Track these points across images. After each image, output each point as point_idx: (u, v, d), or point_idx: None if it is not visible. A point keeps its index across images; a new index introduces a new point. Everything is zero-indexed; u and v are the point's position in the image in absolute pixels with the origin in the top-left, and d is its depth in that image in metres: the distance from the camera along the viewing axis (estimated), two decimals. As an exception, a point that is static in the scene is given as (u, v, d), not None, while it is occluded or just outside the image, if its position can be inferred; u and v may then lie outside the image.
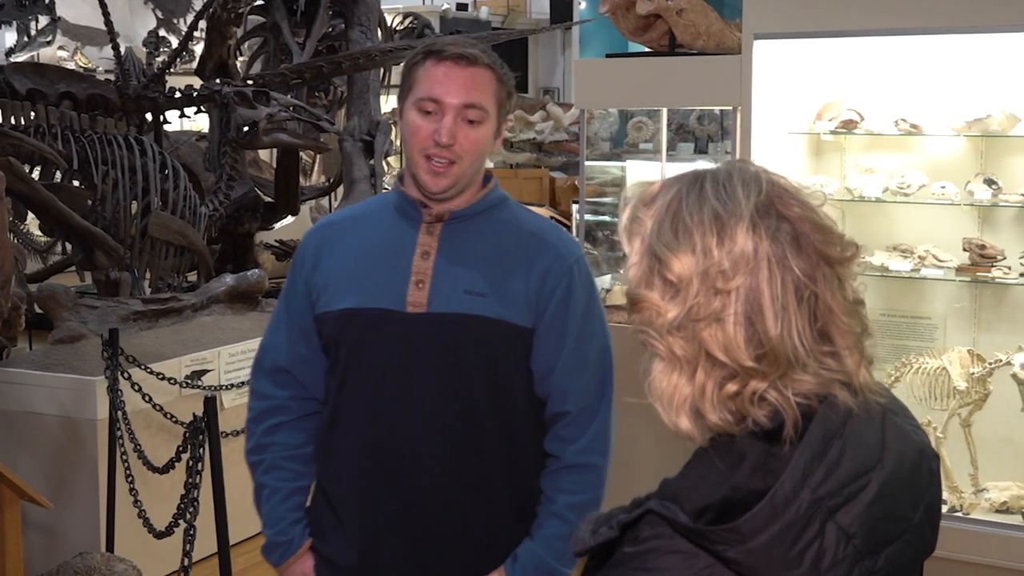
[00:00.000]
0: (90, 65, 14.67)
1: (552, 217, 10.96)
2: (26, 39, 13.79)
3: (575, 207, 9.81)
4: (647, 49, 5.28)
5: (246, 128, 6.86)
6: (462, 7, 16.71)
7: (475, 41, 2.41)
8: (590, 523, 1.49)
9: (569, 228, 10.16)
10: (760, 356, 1.38)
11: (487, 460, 2.39)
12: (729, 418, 1.41)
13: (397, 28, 12.76)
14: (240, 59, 10.11)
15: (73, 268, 7.10)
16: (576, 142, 13.74)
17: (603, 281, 5.86)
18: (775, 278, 1.39)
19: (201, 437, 3.57)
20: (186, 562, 3.49)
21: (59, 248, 8.63)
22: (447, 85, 2.30)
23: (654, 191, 1.49)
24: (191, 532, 3.42)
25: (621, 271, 5.84)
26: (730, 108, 4.89)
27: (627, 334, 4.75)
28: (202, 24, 8.62)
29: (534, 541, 2.39)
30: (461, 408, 2.36)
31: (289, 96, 7.77)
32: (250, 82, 7.54)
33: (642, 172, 8.11)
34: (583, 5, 16.80)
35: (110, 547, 4.59)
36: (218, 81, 7.47)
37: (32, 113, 6.20)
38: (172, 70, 7.61)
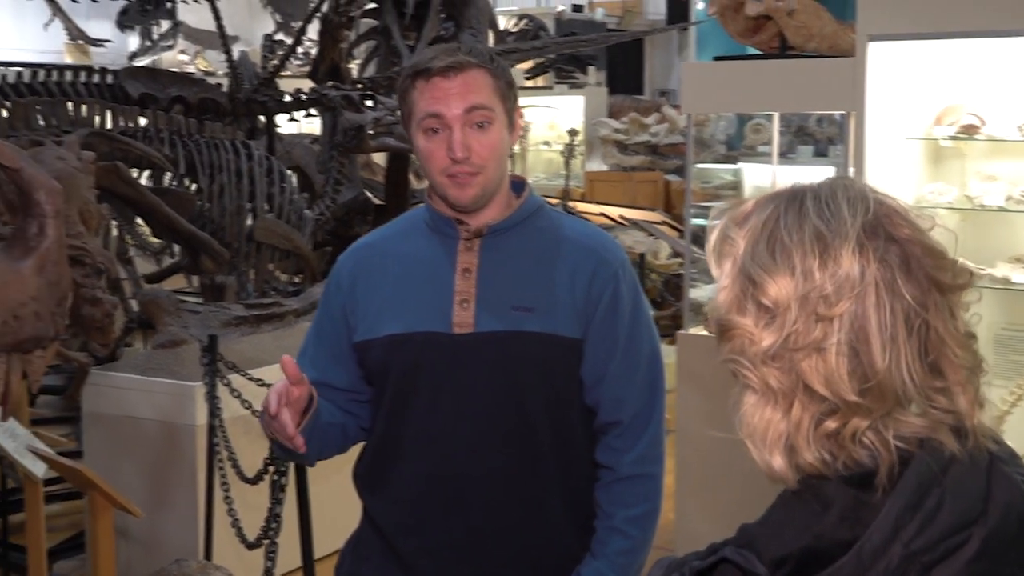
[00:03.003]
0: (210, 68, 14.91)
1: (664, 222, 10.81)
2: (148, 43, 14.08)
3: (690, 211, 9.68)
4: (758, 51, 5.13)
5: (352, 132, 6.85)
6: (577, 8, 16.62)
7: (456, 45, 2.33)
8: (661, 568, 1.40)
9: (682, 233, 10.01)
10: (865, 391, 1.26)
11: (544, 477, 2.31)
12: (826, 458, 1.29)
13: (512, 30, 12.73)
14: (354, 63, 10.17)
15: (183, 271, 7.18)
16: (691, 144, 13.56)
17: (712, 290, 5.70)
18: (883, 305, 1.27)
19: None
20: (269, 577, 3.45)
21: (175, 250, 8.76)
22: (444, 99, 2.22)
23: (747, 209, 1.38)
24: (273, 548, 3.38)
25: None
26: (843, 112, 4.72)
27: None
28: (316, 27, 8.67)
29: (596, 559, 2.32)
30: (517, 428, 2.28)
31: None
32: (359, 86, 7.54)
33: (757, 176, 7.93)
34: (700, 5, 16.58)
35: (208, 554, 4.59)
36: (328, 85, 7.49)
37: (142, 118, 6.27)
38: (289, 73, 7.65)
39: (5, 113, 5.90)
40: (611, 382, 2.31)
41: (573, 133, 13.55)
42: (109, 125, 6.13)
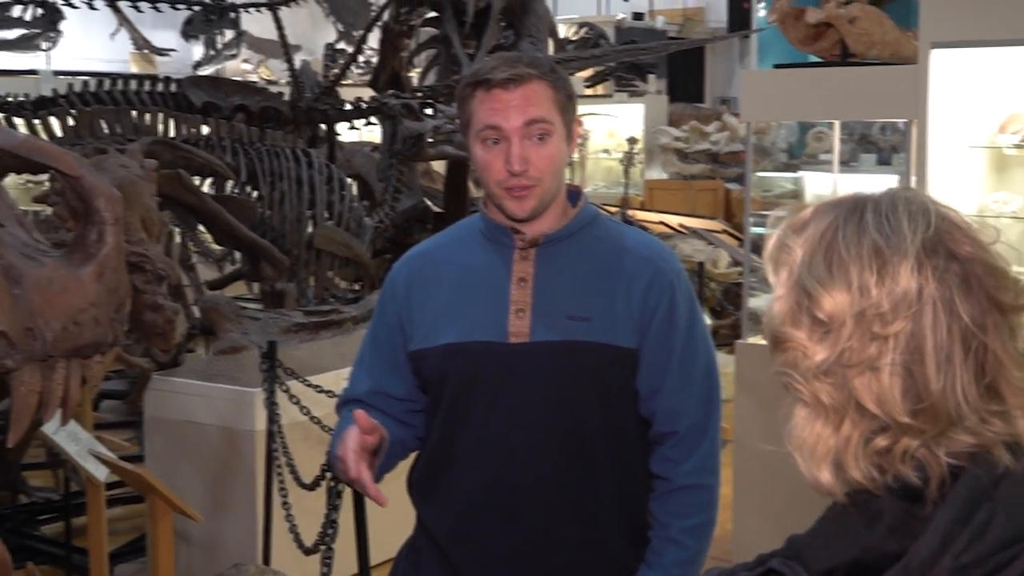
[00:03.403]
0: (272, 77, 15.04)
1: (724, 230, 10.75)
2: (212, 52, 14.23)
3: (750, 220, 9.61)
4: (819, 59, 5.10)
5: (412, 140, 6.88)
6: (638, 16, 16.57)
7: (517, 55, 2.32)
8: None
9: (742, 242, 9.94)
10: (917, 411, 1.24)
11: (600, 488, 2.30)
12: (874, 474, 1.27)
13: (572, 39, 12.72)
14: (414, 71, 10.22)
15: (243, 278, 7.24)
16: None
17: (769, 300, 5.66)
18: (940, 324, 1.25)
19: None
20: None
21: (236, 257, 8.85)
22: (503, 111, 2.21)
23: (806, 217, 1.36)
24: (329, 554, 3.39)
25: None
26: (906, 121, 4.68)
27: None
28: (377, 36, 8.73)
29: (652, 569, 2.31)
30: (574, 438, 2.27)
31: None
32: (419, 94, 7.57)
33: (818, 184, 7.86)
34: (762, 13, 16.48)
35: (266, 559, 4.62)
36: (388, 93, 7.53)
37: (204, 126, 6.34)
38: (350, 82, 7.70)
39: (71, 121, 6.00)
40: (666, 393, 2.30)
41: (633, 141, 13.52)
42: (172, 133, 6.21)
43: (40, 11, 12.19)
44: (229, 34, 14.13)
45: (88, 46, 14.03)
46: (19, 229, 1.85)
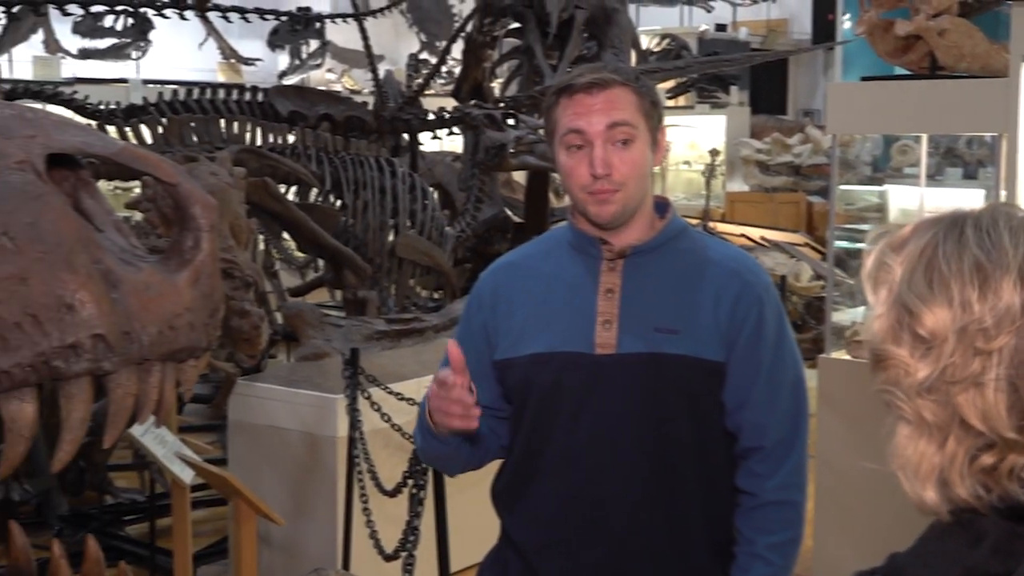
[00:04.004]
0: (356, 87, 15.19)
1: (806, 243, 10.64)
2: (297, 62, 14.40)
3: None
4: (907, 71, 5.04)
5: (494, 150, 6.91)
6: (721, 28, 16.49)
7: (602, 64, 2.33)
8: None
9: (824, 256, 9.84)
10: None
11: (685, 501, 2.29)
12: (980, 492, 1.25)
13: (654, 50, 12.69)
14: (496, 81, 10.26)
15: (326, 285, 7.32)
16: (835, 165, 13.34)
17: (855, 313, 5.60)
18: None
19: (424, 465, 3.57)
20: (407, 589, 3.49)
21: (319, 264, 8.96)
22: (586, 115, 2.22)
23: (905, 235, 1.34)
24: (411, 561, 3.42)
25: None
26: (995, 134, 4.60)
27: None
28: (460, 47, 8.78)
29: None
30: (659, 450, 2.26)
31: (540, 119, 7.80)
32: (501, 105, 7.60)
33: (903, 198, 7.76)
34: (847, 25, 16.31)
35: (346, 564, 4.65)
36: (470, 104, 7.57)
37: (290, 135, 6.42)
38: (432, 92, 7.76)
39: (161, 129, 6.11)
40: (753, 407, 2.28)
41: (715, 153, 13.45)
42: (259, 142, 6.30)
43: (131, 21, 12.42)
44: (314, 44, 14.29)
45: (176, 56, 14.26)
46: (117, 234, 1.89)
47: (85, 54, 12.31)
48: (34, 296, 1.69)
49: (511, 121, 7.34)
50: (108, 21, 12.32)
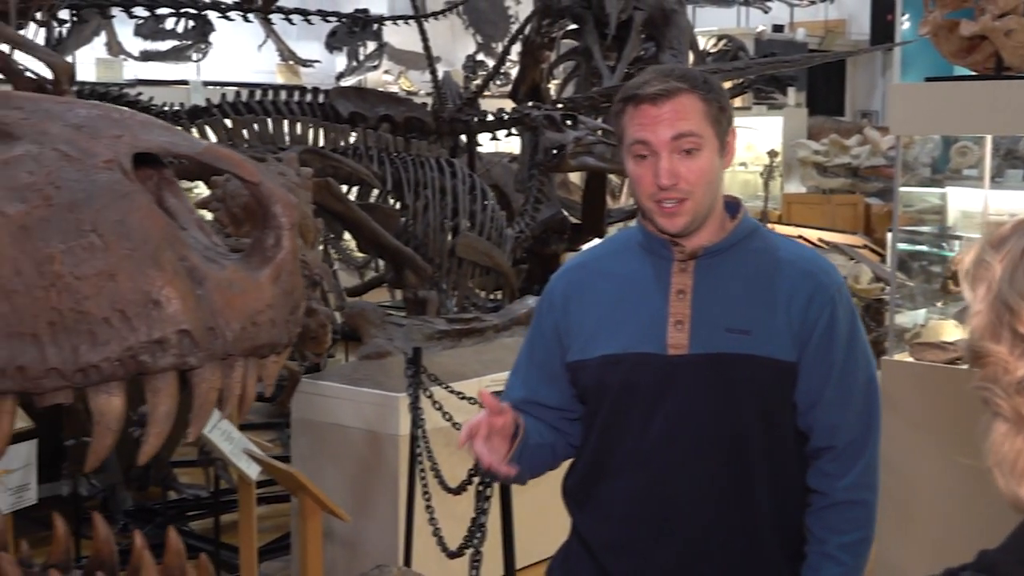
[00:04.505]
0: (412, 88, 15.25)
1: (865, 245, 10.57)
2: (355, 64, 14.49)
3: (890, 236, 9.42)
4: (971, 72, 4.99)
5: (553, 151, 6.93)
6: (778, 28, 16.40)
7: (670, 68, 2.32)
8: None
9: (883, 258, 9.76)
10: None
11: (756, 500, 2.30)
12: None
13: (711, 51, 12.65)
14: (553, 82, 10.28)
15: (387, 284, 7.38)
16: (894, 167, 13.23)
17: (917, 316, 5.56)
18: None
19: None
20: (473, 586, 3.52)
21: (375, 265, 9.03)
22: (651, 126, 2.22)
23: (1005, 232, 1.34)
24: (477, 557, 3.44)
25: (938, 305, 5.50)
26: (1062, 135, 4.57)
27: (937, 373, 4.44)
28: (517, 48, 8.81)
29: None
30: (731, 450, 2.28)
31: (599, 119, 7.81)
32: (559, 106, 7.62)
33: (963, 200, 7.68)
34: (906, 25, 16.17)
35: (407, 561, 4.69)
36: (529, 105, 7.59)
37: (352, 135, 6.48)
38: (488, 93, 7.80)
39: (225, 131, 6.18)
40: (826, 407, 2.29)
41: (773, 155, 13.39)
42: (321, 143, 6.36)
43: (191, 24, 12.55)
44: (371, 46, 14.37)
45: (235, 57, 14.40)
46: (200, 232, 1.93)
47: (147, 56, 12.47)
48: (122, 292, 1.73)
49: (570, 122, 7.35)
50: (169, 24, 12.46)
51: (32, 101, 1.92)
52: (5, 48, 4.15)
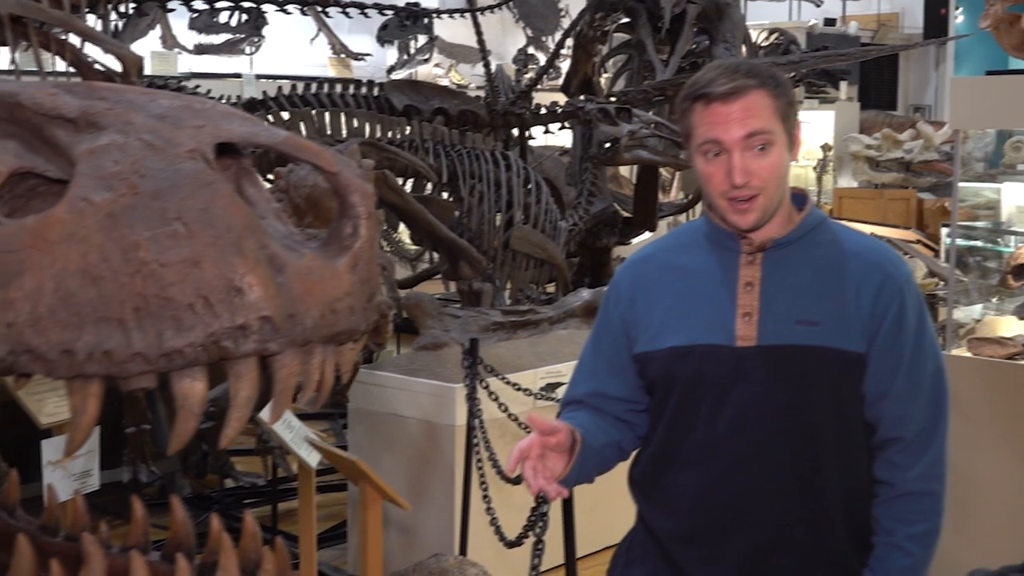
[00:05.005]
0: (463, 82, 15.29)
1: (918, 240, 10.49)
2: (406, 57, 14.54)
3: (944, 231, 9.33)
4: (1032, 66, 4.97)
5: (607, 144, 6.94)
6: (830, 22, 16.29)
7: (736, 63, 2.31)
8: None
9: (937, 253, 9.69)
10: None
11: (824, 492, 2.31)
12: None
13: (762, 44, 12.59)
14: (604, 76, 10.27)
15: (439, 276, 7.41)
16: (947, 162, 13.11)
17: (972, 311, 5.53)
18: None
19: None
20: (534, 574, 3.54)
21: (427, 257, 9.07)
22: (723, 125, 2.22)
23: None
24: (540, 546, 3.46)
25: (993, 300, 5.46)
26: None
27: (996, 369, 4.43)
28: (568, 42, 8.80)
29: (876, 575, 2.31)
30: (800, 441, 2.29)
31: (651, 113, 7.80)
32: (613, 99, 7.62)
33: (1019, 195, 7.61)
34: (960, 19, 16.01)
35: (463, 551, 4.73)
36: (582, 98, 7.60)
37: (407, 128, 6.51)
38: (539, 86, 7.80)
39: (282, 123, 6.23)
40: (894, 398, 2.29)
41: (827, 148, 13.29)
42: (377, 135, 6.40)
43: (244, 17, 12.64)
44: (422, 39, 14.42)
45: (286, 51, 14.48)
46: (277, 222, 1.96)
47: (200, 49, 12.57)
48: (206, 279, 1.77)
49: (623, 115, 7.34)
50: (223, 17, 12.56)
51: (116, 92, 1.96)
52: (76, 41, 4.21)
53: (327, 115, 6.34)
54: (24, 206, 1.89)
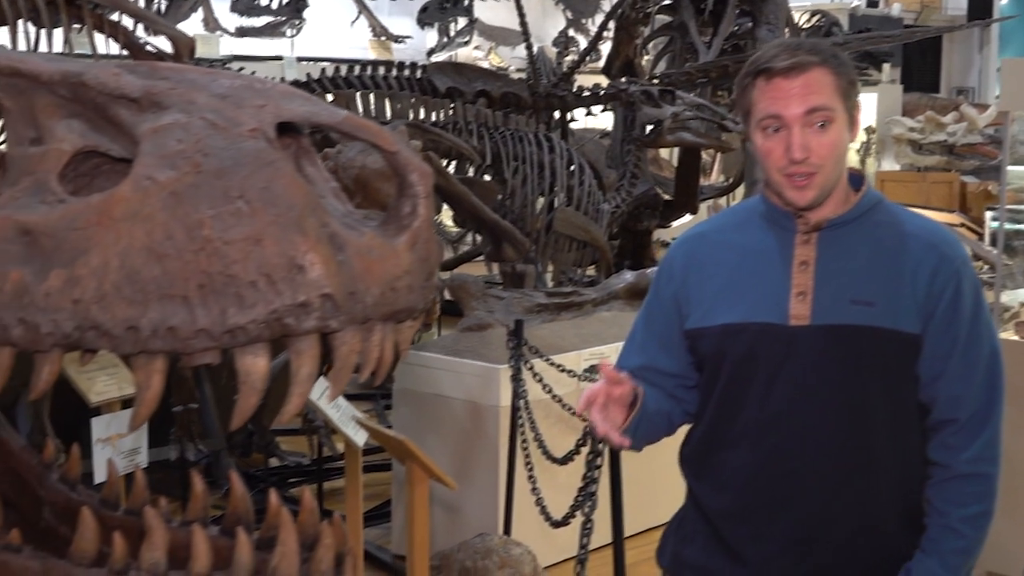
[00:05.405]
0: (502, 64, 15.29)
1: (962, 224, 10.42)
2: (446, 39, 14.57)
3: (988, 214, 9.26)
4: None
5: (650, 127, 6.93)
6: (872, 4, 16.18)
7: (798, 41, 2.30)
8: None
9: (981, 236, 9.61)
10: None
11: (877, 472, 2.30)
12: None
13: (804, 26, 12.52)
14: (646, 58, 10.25)
15: (481, 258, 7.43)
16: (991, 144, 13.00)
17: (1019, 295, 5.49)
18: None
19: (600, 431, 3.62)
20: (583, 554, 3.56)
21: (469, 238, 9.09)
22: (784, 100, 2.21)
23: None
24: (588, 525, 3.48)
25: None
26: None
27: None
28: (611, 23, 8.79)
29: (929, 556, 2.30)
30: (852, 421, 2.28)
31: (693, 95, 7.78)
32: (655, 81, 7.61)
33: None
34: (1004, 1, 15.85)
35: (507, 530, 4.75)
36: (624, 80, 7.59)
37: (451, 110, 6.53)
38: (580, 68, 7.81)
39: (327, 104, 6.27)
40: (949, 379, 2.28)
41: (870, 131, 13.21)
42: (421, 117, 6.42)
43: (285, 0, 12.69)
44: (462, 22, 14.44)
45: (327, 33, 14.54)
46: (336, 201, 1.98)
47: (242, 32, 12.65)
48: (268, 257, 1.79)
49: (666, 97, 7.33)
50: (264, 0, 12.61)
51: (178, 72, 1.98)
52: (128, 23, 4.25)
53: (371, 97, 6.37)
54: (89, 184, 1.91)
